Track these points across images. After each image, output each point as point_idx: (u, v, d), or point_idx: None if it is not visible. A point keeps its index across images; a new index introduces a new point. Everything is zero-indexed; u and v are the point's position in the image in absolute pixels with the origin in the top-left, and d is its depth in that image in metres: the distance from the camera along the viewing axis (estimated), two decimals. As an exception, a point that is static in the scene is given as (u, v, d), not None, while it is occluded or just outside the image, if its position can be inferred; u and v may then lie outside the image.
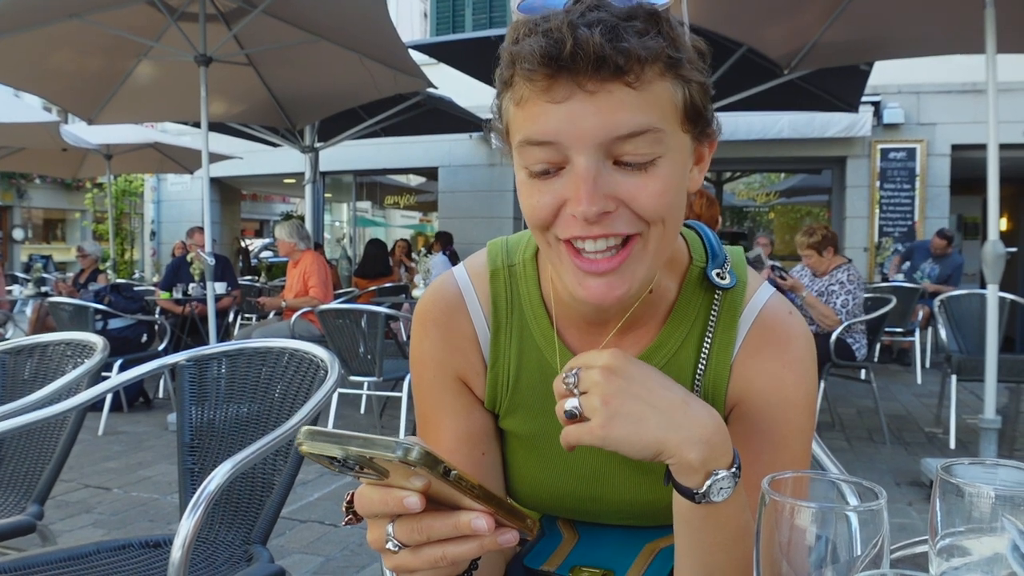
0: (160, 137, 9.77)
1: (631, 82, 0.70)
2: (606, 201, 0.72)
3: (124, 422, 5.76)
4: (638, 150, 0.72)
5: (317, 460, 0.60)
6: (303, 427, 0.58)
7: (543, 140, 0.73)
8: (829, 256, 5.27)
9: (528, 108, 0.74)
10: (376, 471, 0.59)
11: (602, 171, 0.72)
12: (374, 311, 4.89)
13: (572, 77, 0.70)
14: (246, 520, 1.82)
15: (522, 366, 0.95)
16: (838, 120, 9.07)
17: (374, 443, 0.56)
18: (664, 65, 0.73)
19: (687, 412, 0.71)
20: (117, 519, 3.72)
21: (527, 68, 0.72)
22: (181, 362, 1.97)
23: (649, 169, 0.73)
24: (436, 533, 0.62)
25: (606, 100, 0.70)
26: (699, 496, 0.71)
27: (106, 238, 12.93)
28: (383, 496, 0.62)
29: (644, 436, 0.69)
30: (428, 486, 0.60)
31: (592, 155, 0.72)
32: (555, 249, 0.78)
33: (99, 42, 5.75)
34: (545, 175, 0.75)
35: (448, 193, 12.00)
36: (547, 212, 0.75)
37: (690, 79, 0.75)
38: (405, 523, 0.63)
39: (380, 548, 0.66)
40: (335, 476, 4.37)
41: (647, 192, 0.73)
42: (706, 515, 0.73)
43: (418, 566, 0.65)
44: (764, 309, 0.90)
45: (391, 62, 6.08)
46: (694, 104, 0.76)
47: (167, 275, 7.48)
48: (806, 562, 0.49)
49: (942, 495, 0.55)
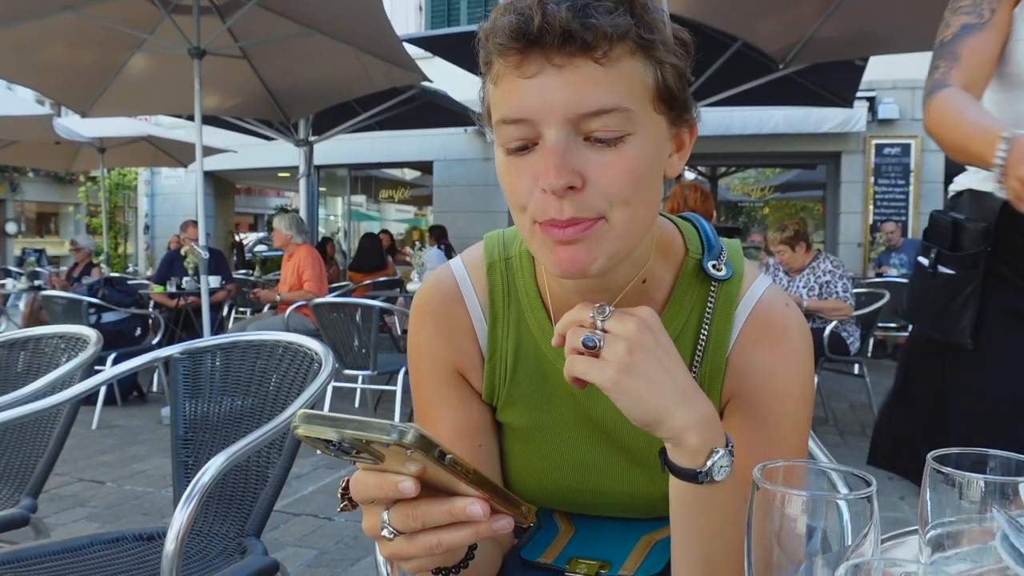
0: (154, 130, 9.75)
1: (598, 58, 0.72)
2: (574, 175, 0.73)
3: (118, 416, 5.75)
4: (607, 127, 0.73)
5: (313, 444, 0.60)
6: (299, 411, 0.58)
7: (516, 118, 0.74)
8: (802, 252, 5.28)
9: (503, 85, 0.75)
10: (372, 455, 0.59)
11: (571, 146, 0.73)
12: (369, 305, 4.89)
13: (542, 52, 0.72)
14: (240, 513, 1.82)
15: (519, 358, 0.95)
16: (833, 115, 9.09)
17: (370, 426, 0.56)
18: (634, 44, 0.73)
19: (694, 393, 0.72)
20: (111, 512, 3.72)
21: (499, 44, 0.73)
22: (175, 355, 1.97)
23: (618, 146, 0.74)
24: (431, 519, 0.62)
25: (574, 75, 0.72)
26: (702, 475, 0.71)
27: (99, 232, 12.90)
28: (378, 481, 0.62)
29: (652, 399, 0.70)
30: (423, 471, 0.60)
31: (561, 129, 0.73)
32: (530, 228, 0.78)
33: (93, 35, 5.72)
34: (521, 152, 0.76)
35: (443, 187, 12.00)
36: (523, 190, 0.76)
37: (664, 61, 0.76)
38: (400, 509, 0.63)
39: (375, 535, 0.66)
40: (329, 470, 4.37)
41: (615, 169, 0.74)
42: (706, 496, 0.73)
43: (413, 553, 0.65)
44: (760, 301, 0.90)
45: (386, 55, 6.07)
46: (667, 86, 0.77)
47: (161, 269, 7.46)
48: (797, 549, 0.50)
49: (932, 485, 0.55)
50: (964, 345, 1.47)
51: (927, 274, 1.54)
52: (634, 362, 0.69)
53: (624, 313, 0.72)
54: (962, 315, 1.47)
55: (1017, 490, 0.54)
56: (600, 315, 0.72)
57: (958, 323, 1.48)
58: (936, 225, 1.55)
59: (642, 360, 0.70)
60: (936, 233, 1.54)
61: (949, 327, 1.50)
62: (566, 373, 0.72)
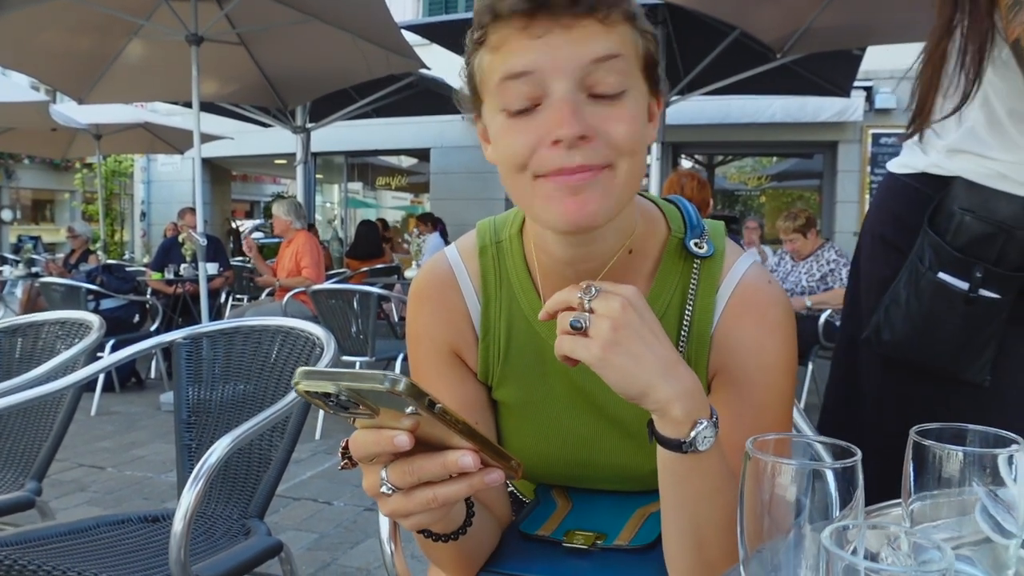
0: (150, 117, 9.72)
1: (602, 19, 0.78)
2: (585, 126, 0.77)
3: (116, 402, 5.77)
4: (609, 78, 0.79)
5: (312, 400, 0.63)
6: (299, 368, 0.61)
7: (522, 71, 0.78)
8: (812, 237, 5.38)
9: (506, 48, 0.80)
10: (369, 410, 0.63)
11: (579, 99, 0.79)
12: (366, 291, 4.91)
13: (549, 14, 0.77)
14: (243, 495, 1.85)
15: (512, 337, 0.99)
16: (830, 105, 9.09)
17: (364, 377, 0.59)
18: (625, 13, 0.80)
19: (677, 367, 0.75)
20: (112, 497, 3.75)
21: (509, 6, 0.78)
22: (178, 340, 2.00)
23: (619, 101, 0.80)
24: (426, 473, 0.66)
25: (580, 32, 0.78)
26: (686, 445, 0.75)
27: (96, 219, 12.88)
28: (376, 437, 0.65)
29: (637, 374, 0.73)
30: (417, 426, 0.63)
31: (570, 81, 0.78)
32: (531, 188, 0.82)
33: (90, 21, 5.70)
34: (522, 113, 0.80)
35: (440, 174, 11.99)
36: (525, 150, 0.80)
37: (645, 30, 0.83)
38: (397, 466, 0.67)
39: (375, 493, 0.69)
40: (328, 455, 4.40)
41: (619, 122, 0.79)
42: (691, 465, 0.77)
43: (411, 508, 0.68)
44: (744, 278, 0.93)
45: (384, 43, 6.06)
46: (650, 54, 0.84)
47: (158, 256, 7.47)
48: (787, 516, 0.52)
49: (915, 458, 0.58)
50: (981, 383, 1.20)
51: (956, 297, 1.18)
52: (618, 339, 0.73)
53: (609, 293, 0.75)
54: (986, 348, 1.19)
55: (996, 462, 0.57)
56: (587, 295, 0.75)
57: (980, 358, 1.19)
58: (966, 230, 1.17)
59: (626, 337, 0.73)
60: (970, 241, 1.17)
61: (967, 362, 1.20)
62: (556, 352, 0.76)
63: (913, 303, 1.23)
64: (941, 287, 1.19)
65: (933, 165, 1.25)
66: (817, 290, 5.24)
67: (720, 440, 0.77)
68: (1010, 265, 1.15)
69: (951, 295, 1.19)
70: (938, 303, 1.20)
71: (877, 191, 1.42)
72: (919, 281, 1.22)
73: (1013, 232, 1.13)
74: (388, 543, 1.20)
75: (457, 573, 0.98)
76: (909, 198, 1.28)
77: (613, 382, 0.74)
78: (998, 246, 1.15)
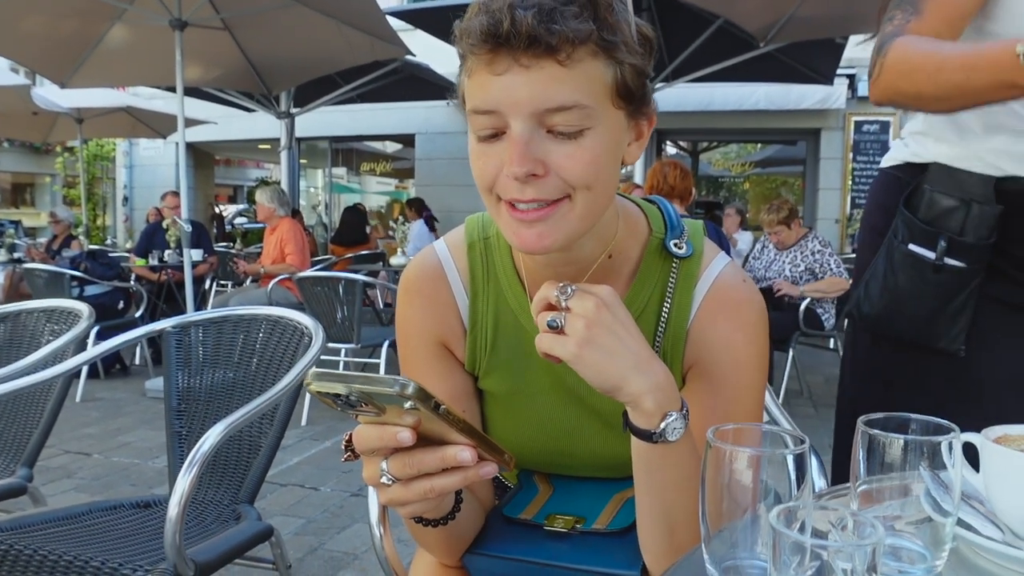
0: (132, 101, 9.64)
1: (562, 60, 0.78)
2: (536, 164, 0.81)
3: (101, 388, 5.78)
4: (567, 122, 0.80)
5: (321, 399, 0.67)
6: (311, 369, 0.66)
7: (486, 109, 0.82)
8: (796, 227, 5.45)
9: (475, 79, 0.82)
10: (374, 409, 0.68)
11: (535, 137, 0.81)
12: (352, 279, 4.93)
13: (510, 52, 0.78)
14: (234, 481, 1.89)
15: (499, 329, 1.04)
16: (813, 92, 9.15)
17: (375, 380, 0.64)
18: (596, 46, 0.80)
19: (650, 362, 0.80)
20: (99, 483, 3.78)
21: (471, 43, 0.80)
22: (168, 329, 2.03)
23: (578, 139, 0.81)
24: (425, 466, 0.71)
25: (538, 74, 0.78)
26: (656, 435, 0.80)
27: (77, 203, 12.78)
28: (379, 433, 0.70)
29: (610, 368, 0.78)
30: (418, 423, 0.68)
31: (525, 122, 0.80)
32: (496, 207, 0.86)
33: (72, 5, 5.67)
34: (491, 139, 0.84)
35: (425, 160, 11.99)
36: (490, 174, 0.84)
37: (623, 61, 0.83)
38: (398, 458, 0.72)
39: (375, 483, 0.74)
40: (314, 441, 4.44)
41: (574, 160, 0.82)
42: (662, 454, 0.82)
43: (409, 498, 0.73)
44: (719, 278, 0.98)
45: (369, 29, 6.06)
46: (626, 84, 0.84)
47: (141, 241, 7.44)
48: (744, 499, 0.57)
49: (863, 444, 0.63)
50: (956, 353, 1.26)
51: (926, 267, 1.26)
52: (592, 336, 0.77)
53: (584, 292, 0.80)
54: (959, 317, 1.25)
55: (938, 449, 0.62)
56: (563, 295, 0.80)
57: (953, 327, 1.26)
58: (934, 205, 1.26)
59: (599, 334, 0.78)
60: (938, 215, 1.26)
61: (940, 332, 1.27)
62: (537, 349, 0.81)
63: (889, 276, 1.32)
64: (911, 257, 1.28)
65: (913, 155, 1.35)
66: (800, 280, 5.31)
67: (692, 430, 0.82)
68: (973, 236, 1.23)
69: (921, 265, 1.27)
70: (910, 273, 1.29)
71: (870, 187, 1.49)
72: (893, 255, 1.31)
73: (971, 204, 1.22)
74: (377, 527, 1.24)
75: (444, 555, 1.03)
76: (891, 187, 1.37)
77: (589, 377, 0.79)
78: (960, 218, 1.23)
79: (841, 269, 5.29)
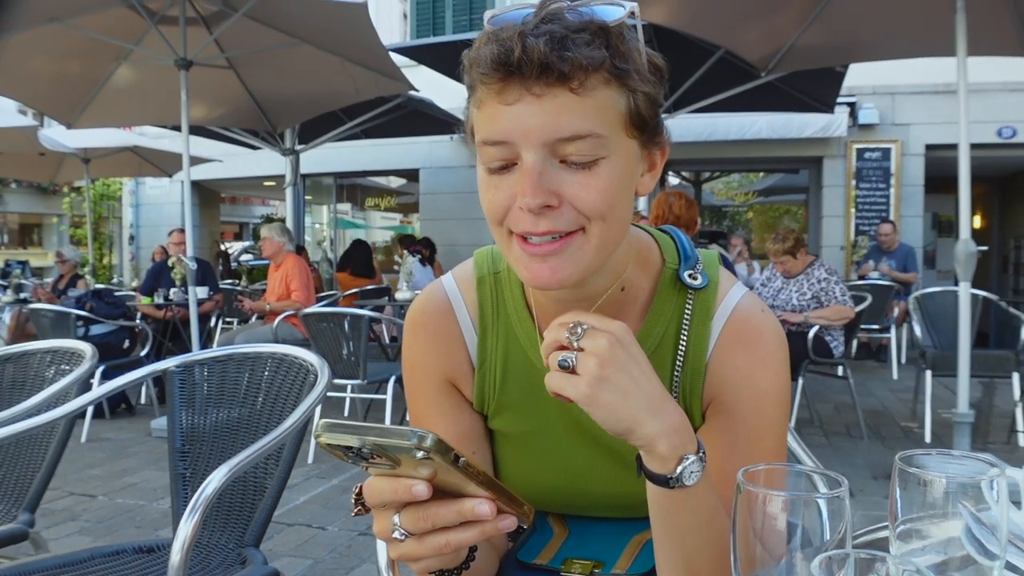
0: (139, 140, 9.72)
1: (575, 88, 0.76)
2: (549, 195, 0.78)
3: (107, 429, 5.74)
4: (581, 151, 0.78)
5: (332, 451, 0.64)
6: (321, 420, 0.62)
7: (496, 140, 0.79)
8: (802, 256, 5.44)
9: (485, 110, 0.80)
10: (389, 460, 0.63)
11: (548, 168, 0.78)
12: (358, 314, 4.91)
13: (521, 82, 0.76)
14: (239, 523, 1.85)
15: (508, 367, 1.00)
16: (815, 121, 9.18)
17: (391, 432, 0.60)
18: (608, 74, 0.78)
19: (663, 403, 0.76)
20: (104, 526, 3.72)
21: (482, 72, 0.78)
22: (171, 368, 2.00)
23: (592, 168, 0.79)
24: (441, 520, 0.67)
25: (551, 103, 0.76)
26: (672, 481, 0.76)
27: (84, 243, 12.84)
28: (393, 485, 0.66)
29: (624, 411, 0.74)
30: (434, 475, 0.64)
31: (538, 152, 0.78)
32: (507, 241, 0.83)
33: (79, 45, 5.72)
34: (501, 171, 0.81)
35: (429, 195, 12.02)
36: (501, 206, 0.81)
37: (636, 89, 0.80)
38: (411, 512, 0.67)
39: (386, 537, 0.70)
40: (321, 480, 4.39)
41: (589, 190, 0.79)
42: (679, 500, 0.78)
43: (423, 553, 0.69)
44: (736, 308, 0.95)
45: (373, 66, 6.10)
46: (639, 113, 0.81)
47: (147, 280, 7.44)
48: (778, 545, 0.54)
49: (901, 484, 0.60)
50: None
51: None
52: (605, 376, 0.73)
53: (596, 330, 0.75)
54: None
55: (978, 486, 0.59)
56: (574, 336, 0.76)
57: None
58: None
59: (613, 374, 0.73)
60: None
61: None
62: (548, 390, 0.77)
63: None
64: None
65: None
66: (808, 308, 5.29)
67: (711, 470, 0.79)
68: None
69: None
70: None
71: None
72: None
73: None
74: (387, 571, 1.20)
75: (457, 603, 0.99)
76: None
77: (601, 419, 0.75)
78: None
79: (846, 297, 5.27)
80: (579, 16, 0.78)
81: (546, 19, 0.77)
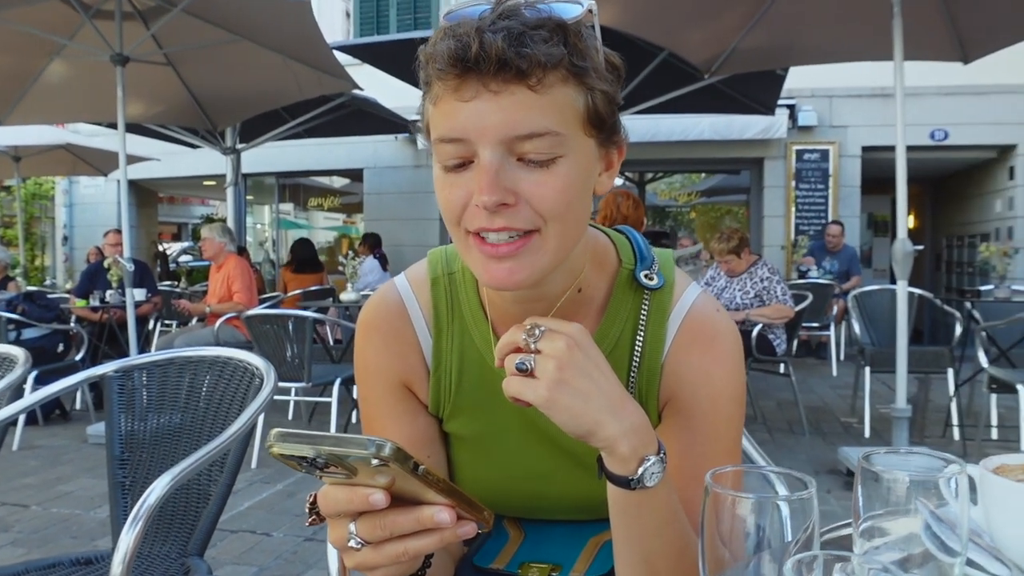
0: (72, 138, 9.42)
1: (532, 85, 0.75)
2: (506, 193, 0.76)
3: (40, 436, 5.54)
4: (538, 149, 0.77)
5: (285, 461, 0.61)
6: (273, 430, 0.60)
7: (453, 137, 0.78)
8: (746, 255, 5.54)
9: (441, 106, 0.78)
10: (345, 469, 0.61)
11: (505, 166, 0.77)
12: (301, 316, 4.83)
13: (478, 78, 0.75)
14: (182, 532, 1.79)
15: (464, 369, 0.98)
16: (756, 123, 9.36)
17: (347, 441, 0.58)
18: (566, 72, 0.77)
19: (624, 403, 0.75)
20: (38, 537, 3.59)
21: (438, 68, 0.76)
22: (109, 374, 1.93)
23: (550, 167, 0.78)
24: (399, 528, 0.65)
25: (508, 100, 0.75)
26: (634, 482, 0.75)
27: (15, 243, 12.39)
28: (349, 495, 0.64)
29: (584, 413, 0.73)
30: (392, 483, 0.62)
31: (495, 150, 0.76)
32: (465, 241, 0.82)
33: (9, 40, 5.52)
34: (458, 168, 0.79)
35: (374, 195, 11.89)
36: (458, 205, 0.80)
37: (594, 87, 0.80)
38: (368, 520, 0.66)
39: (342, 547, 0.68)
40: (265, 484, 4.30)
41: (546, 188, 0.78)
42: (640, 501, 0.77)
43: (380, 562, 0.67)
44: (692, 308, 0.94)
45: (315, 63, 6.01)
46: (597, 111, 0.81)
47: (82, 282, 7.21)
48: (744, 547, 0.54)
49: (863, 482, 0.60)
50: None
51: None
52: (564, 379, 0.72)
53: (554, 332, 0.75)
54: None
55: (937, 484, 0.59)
56: (531, 338, 0.75)
57: None
58: None
59: (572, 377, 0.73)
60: None
61: None
62: (505, 394, 0.75)
63: None
64: None
65: None
66: (751, 306, 5.39)
67: (670, 470, 0.78)
68: None
69: None
70: None
71: None
72: None
73: None
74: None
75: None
76: None
77: (561, 422, 0.74)
78: None
79: (787, 296, 5.38)
80: (537, 13, 0.77)
81: (504, 15, 0.76)
